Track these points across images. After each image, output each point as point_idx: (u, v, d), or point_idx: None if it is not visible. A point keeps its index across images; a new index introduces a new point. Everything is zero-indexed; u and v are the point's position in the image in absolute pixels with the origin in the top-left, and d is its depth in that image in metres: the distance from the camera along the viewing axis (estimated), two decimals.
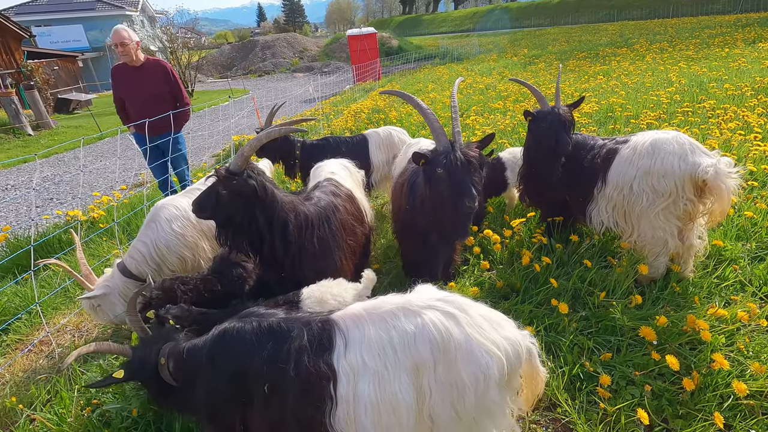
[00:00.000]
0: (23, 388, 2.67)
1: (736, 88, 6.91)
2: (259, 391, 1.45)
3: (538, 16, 50.73)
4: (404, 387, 1.38)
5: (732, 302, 2.58)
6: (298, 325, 1.52)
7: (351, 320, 1.49)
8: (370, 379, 1.38)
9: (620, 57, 14.60)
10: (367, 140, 4.56)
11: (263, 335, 1.50)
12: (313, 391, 1.41)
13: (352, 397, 1.39)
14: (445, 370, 1.38)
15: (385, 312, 1.46)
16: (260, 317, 1.58)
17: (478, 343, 1.39)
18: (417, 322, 1.41)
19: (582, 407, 2.09)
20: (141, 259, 2.88)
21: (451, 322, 1.41)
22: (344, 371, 1.40)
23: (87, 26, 30.67)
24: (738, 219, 3.28)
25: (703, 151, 2.55)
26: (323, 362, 1.42)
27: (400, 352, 1.39)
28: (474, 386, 1.37)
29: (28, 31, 19.27)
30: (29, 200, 7.19)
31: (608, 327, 2.51)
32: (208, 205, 2.13)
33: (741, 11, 31.10)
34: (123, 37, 4.24)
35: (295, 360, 1.44)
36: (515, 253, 3.28)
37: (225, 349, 1.53)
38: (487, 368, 1.36)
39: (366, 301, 1.58)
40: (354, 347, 1.42)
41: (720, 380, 2.06)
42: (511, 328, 1.50)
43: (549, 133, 3.02)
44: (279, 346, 1.47)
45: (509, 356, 1.41)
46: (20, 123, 12.93)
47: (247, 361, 1.47)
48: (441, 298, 1.49)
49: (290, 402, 1.44)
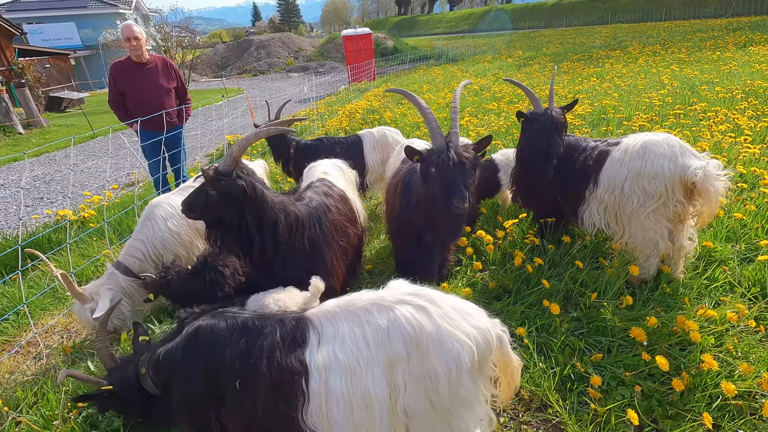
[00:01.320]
0: (9, 390, 2.62)
1: (727, 91, 6.99)
2: (232, 387, 1.46)
3: (533, 18, 51.02)
4: (377, 382, 1.40)
5: (721, 303, 2.60)
6: (272, 322, 1.54)
7: (325, 317, 1.52)
8: (342, 374, 1.40)
9: (613, 59, 14.71)
10: (361, 141, 4.56)
11: (236, 332, 1.52)
12: (285, 387, 1.43)
13: (324, 392, 1.41)
14: (419, 362, 1.41)
15: (359, 308, 1.49)
16: (234, 314, 1.59)
17: (448, 333, 1.42)
18: (389, 316, 1.44)
19: (573, 408, 2.10)
20: (142, 257, 2.89)
21: (423, 314, 1.44)
22: (316, 366, 1.42)
23: (79, 24, 30.39)
24: (728, 221, 3.31)
25: (692, 153, 2.57)
26: (295, 358, 1.44)
27: (374, 348, 1.42)
28: (447, 375, 1.40)
29: (19, 28, 19.03)
30: (19, 199, 7.10)
31: (599, 328, 2.52)
32: (197, 206, 2.12)
33: (732, 15, 31.50)
34: (135, 31, 4.26)
35: (267, 356, 1.45)
36: (508, 254, 3.29)
37: (198, 345, 1.54)
38: (459, 357, 1.40)
39: (340, 298, 1.59)
40: (327, 343, 1.45)
41: (709, 381, 2.07)
42: (481, 317, 1.54)
43: (541, 134, 3.03)
44: (252, 343, 1.49)
45: (479, 344, 1.45)
46: (11, 121, 12.77)
47: (219, 357, 1.48)
48: (412, 292, 1.53)
49: (262, 398, 1.45)
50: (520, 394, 2.24)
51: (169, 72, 4.61)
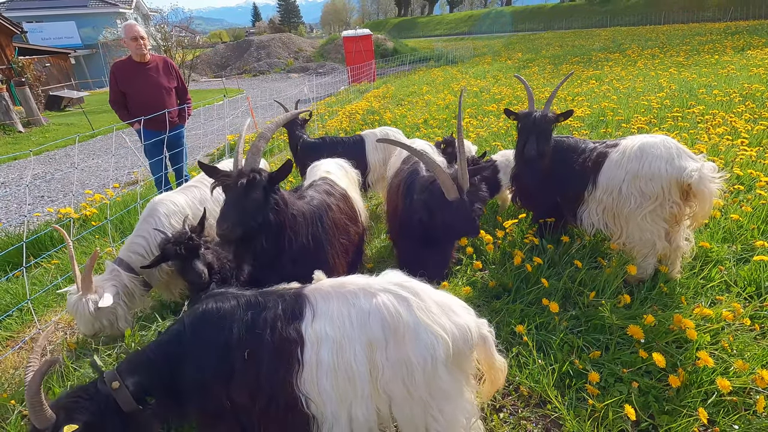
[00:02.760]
0: (15, 385, 2.65)
1: (725, 94, 7.05)
2: (240, 359, 1.55)
3: (532, 20, 51.20)
4: (358, 358, 1.51)
5: (717, 302, 2.64)
6: (273, 297, 1.66)
7: (320, 294, 1.63)
8: (331, 347, 1.53)
9: (612, 62, 14.80)
10: (364, 141, 4.60)
11: (242, 307, 1.62)
12: (284, 354, 1.54)
13: (315, 361, 1.53)
14: (396, 349, 1.51)
15: (348, 291, 1.61)
16: (236, 293, 1.69)
17: (425, 325, 1.51)
18: (372, 302, 1.55)
19: (571, 404, 2.13)
20: (144, 253, 2.88)
21: (403, 304, 1.54)
22: (310, 338, 1.54)
23: (79, 23, 30.37)
24: (724, 221, 3.36)
25: (689, 155, 2.61)
26: (293, 329, 1.56)
27: (356, 327, 1.54)
28: (422, 366, 1.49)
29: (19, 27, 19.03)
30: (20, 197, 7.12)
31: (597, 326, 2.56)
32: (243, 217, 2.05)
33: (731, 19, 31.67)
34: (139, 31, 4.29)
35: (270, 326, 1.56)
36: (507, 254, 3.33)
37: (208, 325, 1.60)
38: (433, 349, 1.48)
39: (334, 279, 1.72)
40: (320, 318, 1.57)
41: (705, 377, 2.11)
42: (466, 315, 1.61)
43: (521, 135, 3.16)
44: (257, 315, 1.59)
45: (456, 339, 1.53)
46: (11, 120, 12.78)
47: (229, 332, 1.56)
48: (398, 282, 1.63)
49: (266, 366, 1.55)
50: (519, 390, 2.28)
51: (170, 71, 4.64)
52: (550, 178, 3.20)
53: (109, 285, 2.73)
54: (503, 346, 2.55)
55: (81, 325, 2.64)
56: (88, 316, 2.57)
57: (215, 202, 3.27)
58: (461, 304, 1.65)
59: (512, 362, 2.42)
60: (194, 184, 3.34)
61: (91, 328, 2.65)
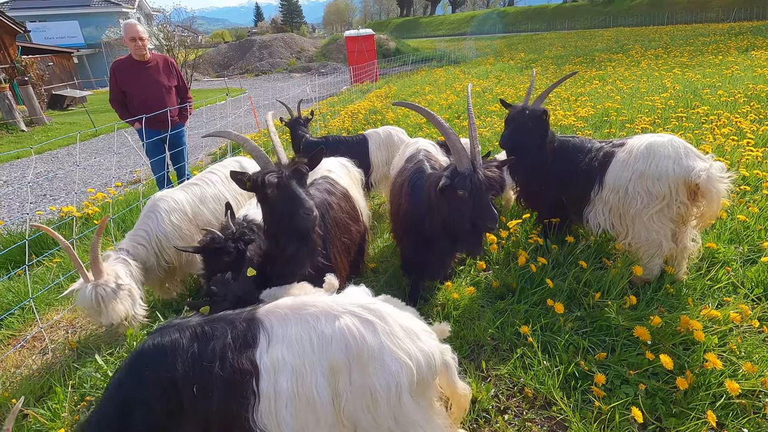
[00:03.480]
0: (16, 384, 2.64)
1: (730, 94, 7.01)
2: (189, 394, 1.44)
3: (535, 20, 51.15)
4: (320, 385, 1.42)
5: (725, 304, 2.61)
6: (222, 324, 1.53)
7: (276, 318, 1.52)
8: (290, 375, 1.42)
9: (616, 62, 14.76)
10: (367, 140, 4.58)
11: (186, 340, 1.49)
12: (237, 387, 1.43)
13: (273, 391, 1.42)
14: (359, 375, 1.42)
15: (308, 313, 1.50)
16: (179, 325, 1.55)
17: (390, 351, 1.43)
18: (335, 325, 1.46)
19: (577, 405, 2.11)
20: (145, 244, 2.87)
21: (368, 329, 1.45)
22: (265, 367, 1.43)
23: (82, 22, 30.48)
24: (731, 222, 3.33)
25: (697, 155, 2.58)
26: (246, 358, 1.44)
27: (318, 352, 1.44)
28: (386, 393, 1.41)
29: (22, 26, 19.06)
30: (22, 196, 7.12)
31: (603, 327, 2.53)
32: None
33: (734, 20, 31.57)
34: (140, 31, 4.28)
35: (220, 358, 1.44)
36: (512, 254, 3.30)
37: (146, 365, 1.47)
38: (398, 376, 1.41)
39: (294, 299, 1.59)
40: (276, 344, 1.46)
41: (713, 380, 2.09)
42: (429, 340, 1.54)
43: (504, 126, 3.29)
44: (203, 347, 1.47)
45: (420, 366, 1.45)
46: (13, 119, 12.81)
47: (172, 368, 1.44)
48: (363, 304, 1.52)
49: (217, 400, 1.44)
50: (524, 391, 2.25)
51: (170, 70, 4.62)
52: (552, 177, 3.17)
53: (120, 267, 2.62)
54: (507, 347, 2.55)
55: (101, 314, 2.40)
56: (110, 300, 2.37)
57: (217, 201, 3.26)
58: (425, 328, 1.59)
59: (517, 363, 2.40)
60: (195, 182, 3.33)
61: (114, 315, 2.42)
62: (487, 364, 2.43)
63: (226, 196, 3.31)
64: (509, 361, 2.42)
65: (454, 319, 2.77)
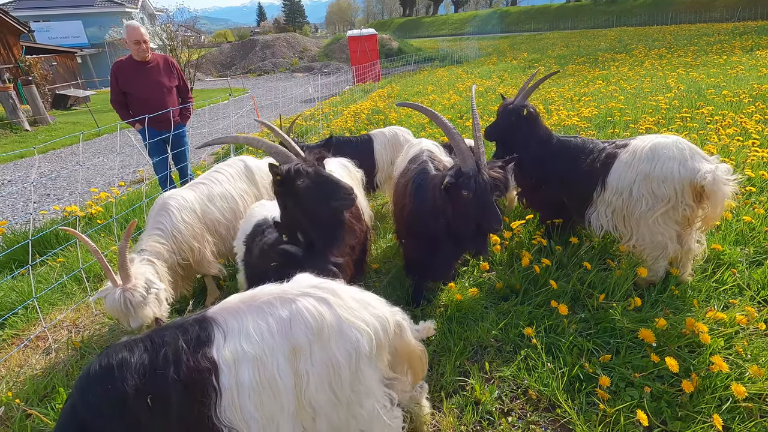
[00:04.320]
0: (19, 383, 2.64)
1: (734, 94, 6.97)
2: (144, 407, 1.40)
3: (538, 20, 51.03)
4: (282, 369, 1.43)
5: (730, 306, 2.59)
6: (171, 331, 1.50)
7: (228, 313, 1.52)
8: (251, 365, 1.42)
9: (619, 62, 14.70)
10: (372, 140, 4.56)
11: (134, 355, 1.45)
12: (196, 387, 1.41)
13: (235, 384, 1.42)
14: (320, 351, 1.45)
15: (262, 302, 1.51)
16: (126, 343, 1.50)
17: (348, 322, 1.48)
18: (292, 308, 1.48)
19: (581, 408, 2.10)
20: (163, 242, 2.87)
21: (324, 306, 1.49)
22: (225, 361, 1.43)
23: (86, 22, 30.60)
24: (736, 224, 3.30)
25: (702, 156, 2.56)
26: (202, 356, 1.43)
27: (278, 337, 1.45)
28: (347, 362, 1.45)
29: (26, 26, 19.16)
30: (26, 195, 7.14)
31: (607, 329, 2.51)
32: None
33: (739, 19, 31.40)
34: (143, 34, 4.30)
35: (174, 362, 1.42)
36: (515, 255, 3.29)
37: (97, 386, 1.42)
38: (358, 343, 1.46)
39: (243, 293, 1.60)
40: (233, 337, 1.45)
41: (719, 383, 2.07)
42: (381, 306, 1.61)
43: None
44: (154, 356, 1.44)
45: (377, 331, 1.52)
46: (17, 118, 12.86)
47: (122, 383, 1.40)
48: (315, 285, 1.57)
49: (176, 405, 1.41)
50: (528, 393, 2.24)
51: (171, 70, 4.61)
52: (552, 177, 3.16)
53: (148, 270, 2.60)
54: (511, 349, 2.53)
55: (130, 318, 2.41)
56: (139, 305, 2.38)
57: (224, 199, 3.28)
58: (375, 297, 1.64)
59: (521, 365, 2.38)
60: (202, 181, 3.34)
61: (144, 317, 2.43)
62: (490, 365, 2.42)
63: (233, 194, 3.31)
64: (513, 363, 2.41)
65: (457, 321, 2.76)
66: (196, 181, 3.36)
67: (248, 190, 3.46)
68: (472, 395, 2.24)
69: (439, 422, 2.15)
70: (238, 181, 3.43)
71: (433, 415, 2.18)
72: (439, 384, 2.35)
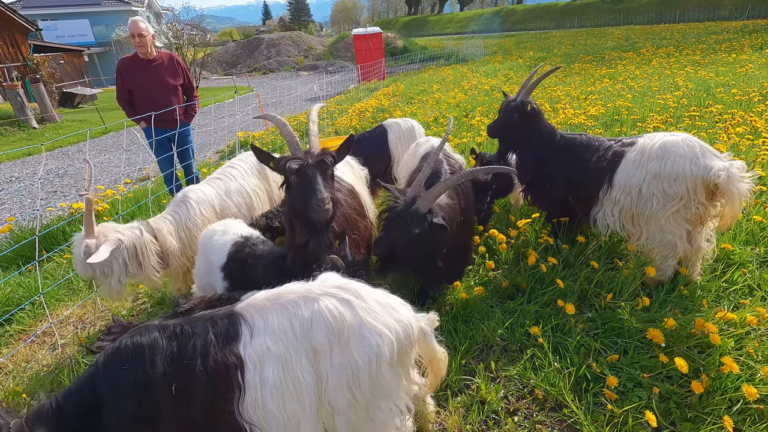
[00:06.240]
0: (27, 378, 2.66)
1: (744, 93, 6.88)
2: (167, 395, 1.40)
3: (544, 18, 50.71)
4: (305, 369, 1.44)
5: (741, 306, 2.55)
6: (202, 322, 1.52)
7: (255, 310, 1.53)
8: (275, 364, 1.43)
9: (626, 61, 14.57)
10: (386, 131, 4.43)
11: (165, 339, 1.46)
12: (221, 382, 1.42)
13: (259, 382, 1.43)
14: (340, 353, 1.45)
15: (287, 301, 1.52)
16: (158, 325, 1.52)
17: (369, 325, 1.47)
18: (314, 308, 1.48)
19: (588, 408, 2.07)
20: (172, 221, 2.91)
21: (346, 307, 1.49)
22: (251, 358, 1.44)
23: (93, 21, 30.79)
24: (747, 223, 3.26)
25: (714, 153, 2.52)
26: (230, 352, 1.44)
27: (300, 337, 1.46)
28: (367, 366, 1.44)
29: (34, 24, 19.31)
30: (33, 192, 7.20)
31: (615, 329, 2.49)
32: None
33: (748, 17, 31.03)
34: (141, 28, 4.28)
35: (201, 355, 1.43)
36: (521, 254, 3.26)
37: (123, 363, 1.42)
38: (378, 348, 1.45)
39: (269, 291, 1.60)
40: (259, 335, 1.47)
41: (729, 384, 2.04)
42: (405, 311, 1.59)
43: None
44: (184, 346, 1.45)
45: (400, 337, 1.50)
46: (25, 116, 12.96)
47: (150, 366, 1.40)
48: (339, 285, 1.56)
49: (199, 398, 1.42)
50: (534, 393, 2.22)
51: (176, 69, 4.58)
52: (557, 174, 3.12)
53: (113, 238, 2.58)
54: (517, 348, 2.51)
55: (76, 265, 2.60)
56: (79, 259, 2.51)
57: (240, 194, 3.29)
58: (400, 301, 1.63)
59: (527, 364, 2.36)
60: (218, 176, 3.35)
61: (83, 272, 2.56)
62: (496, 364, 2.40)
63: (247, 190, 3.33)
64: (519, 362, 2.39)
65: (462, 319, 2.74)
66: (212, 176, 3.37)
67: (260, 185, 3.47)
68: (478, 394, 2.23)
69: (445, 421, 2.14)
70: (251, 176, 3.44)
71: (439, 413, 2.17)
72: (445, 382, 2.33)
